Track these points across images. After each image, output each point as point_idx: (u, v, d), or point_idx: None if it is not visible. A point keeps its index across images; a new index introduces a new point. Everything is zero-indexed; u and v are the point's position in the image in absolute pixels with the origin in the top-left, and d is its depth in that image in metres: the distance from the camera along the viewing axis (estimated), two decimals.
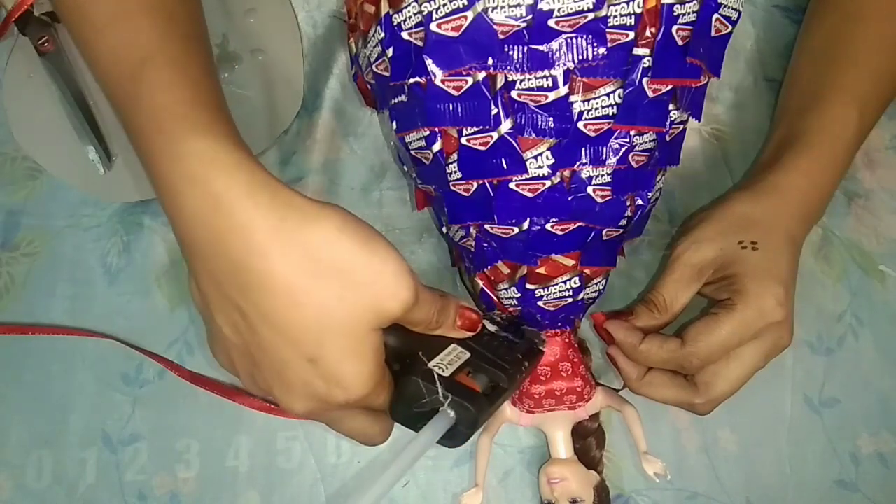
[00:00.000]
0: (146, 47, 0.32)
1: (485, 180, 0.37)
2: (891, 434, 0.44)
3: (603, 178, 0.37)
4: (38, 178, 0.47)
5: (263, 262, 0.29)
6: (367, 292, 0.30)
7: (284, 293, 0.30)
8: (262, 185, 0.30)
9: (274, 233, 0.29)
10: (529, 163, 0.36)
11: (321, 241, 0.30)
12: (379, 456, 0.44)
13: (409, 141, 0.39)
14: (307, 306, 0.30)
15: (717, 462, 0.44)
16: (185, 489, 0.43)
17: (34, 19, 0.47)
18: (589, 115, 0.35)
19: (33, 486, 0.43)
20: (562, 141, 0.36)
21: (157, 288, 0.46)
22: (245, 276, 0.30)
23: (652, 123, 0.36)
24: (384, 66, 0.37)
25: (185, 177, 0.30)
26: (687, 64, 0.35)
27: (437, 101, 0.35)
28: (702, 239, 0.41)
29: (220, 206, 0.30)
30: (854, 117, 0.42)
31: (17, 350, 0.45)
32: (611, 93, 0.35)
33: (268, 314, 0.30)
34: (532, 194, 0.37)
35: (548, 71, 0.34)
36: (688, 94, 0.37)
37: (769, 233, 0.40)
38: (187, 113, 0.31)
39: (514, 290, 0.40)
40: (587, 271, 0.40)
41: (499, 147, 0.36)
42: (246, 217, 0.29)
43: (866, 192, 0.48)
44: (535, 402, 0.42)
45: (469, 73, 0.35)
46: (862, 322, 0.46)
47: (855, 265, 0.47)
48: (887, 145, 0.49)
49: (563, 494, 0.41)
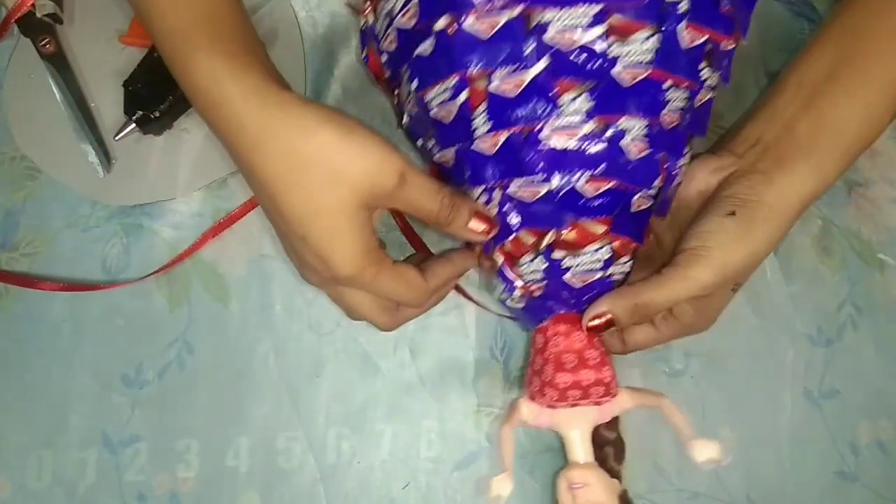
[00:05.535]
0: None
1: (514, 130, 0.36)
2: (890, 421, 0.44)
3: (638, 132, 0.36)
4: (38, 179, 0.47)
5: (257, 157, 0.34)
6: (350, 173, 0.34)
7: (275, 182, 0.34)
8: (253, 89, 0.34)
9: (262, 130, 0.34)
10: (563, 108, 0.35)
11: (303, 133, 0.34)
12: (379, 456, 0.44)
13: (431, 98, 0.38)
14: (294, 192, 0.34)
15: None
16: (184, 489, 0.43)
17: (36, 21, 0.47)
18: (625, 60, 0.35)
19: (33, 487, 0.43)
20: (598, 85, 0.35)
21: (157, 288, 0.46)
22: (247, 169, 0.35)
23: (687, 75, 0.36)
24: (410, 13, 0.37)
25: (195, 87, 0.35)
26: (721, 14, 0.35)
27: (467, 43, 0.35)
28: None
29: (220, 111, 0.34)
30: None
31: (18, 350, 0.45)
32: (647, 38, 0.35)
33: (270, 199, 0.35)
34: (564, 143, 0.36)
35: (584, 7, 0.34)
36: (718, 56, 0.37)
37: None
38: (189, 32, 0.35)
39: (540, 260, 0.38)
40: (616, 244, 0.38)
41: (531, 90, 0.35)
42: (240, 119, 0.34)
43: (866, 182, 0.48)
44: (559, 394, 0.39)
45: (504, 7, 0.34)
46: (861, 311, 0.46)
47: (854, 254, 0.47)
48: (888, 135, 0.49)
49: (585, 501, 0.38)
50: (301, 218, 0.34)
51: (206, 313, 0.45)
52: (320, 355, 0.45)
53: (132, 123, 0.46)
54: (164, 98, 0.45)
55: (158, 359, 0.45)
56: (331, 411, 0.44)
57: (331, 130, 0.34)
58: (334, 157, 0.34)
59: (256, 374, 0.45)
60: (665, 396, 0.41)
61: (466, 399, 0.44)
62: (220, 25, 0.36)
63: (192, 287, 0.46)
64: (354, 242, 0.35)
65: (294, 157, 0.34)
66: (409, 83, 0.39)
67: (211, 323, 0.45)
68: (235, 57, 0.35)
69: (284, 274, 0.46)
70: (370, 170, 0.34)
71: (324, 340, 0.45)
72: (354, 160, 0.34)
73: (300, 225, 0.34)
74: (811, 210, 0.47)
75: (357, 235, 0.35)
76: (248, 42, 0.37)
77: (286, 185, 0.34)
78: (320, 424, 0.44)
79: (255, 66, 0.35)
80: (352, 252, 0.35)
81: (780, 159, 0.38)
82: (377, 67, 0.43)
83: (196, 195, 0.47)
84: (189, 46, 0.35)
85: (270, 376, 0.45)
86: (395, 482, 0.43)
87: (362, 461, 0.44)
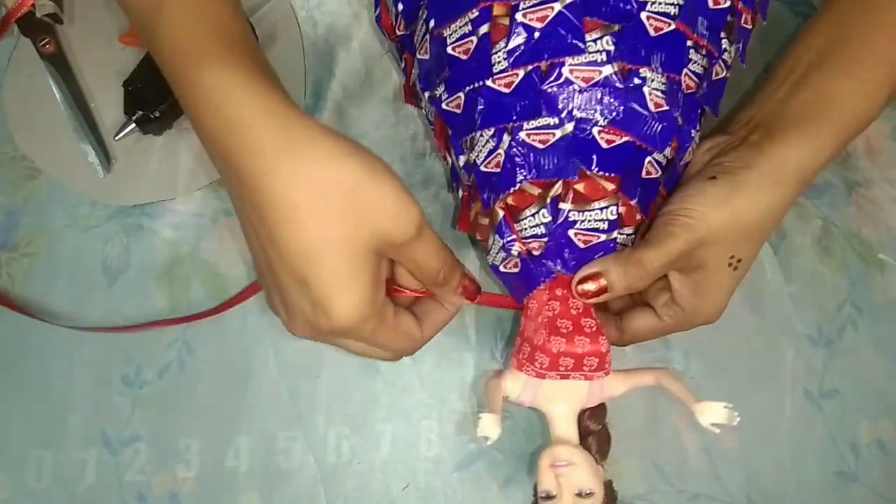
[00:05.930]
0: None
1: (535, 65, 0.35)
2: (890, 421, 0.44)
3: (659, 85, 0.36)
4: (38, 179, 0.47)
5: (271, 182, 0.31)
6: (370, 212, 0.31)
7: (288, 211, 0.31)
8: (273, 110, 0.32)
9: (282, 154, 0.31)
10: (588, 47, 0.35)
11: (328, 162, 0.31)
12: (379, 456, 0.44)
13: (450, 34, 0.37)
14: (308, 225, 0.31)
15: (717, 462, 0.44)
16: (184, 489, 0.43)
17: (36, 21, 0.47)
18: (652, 7, 0.35)
19: (33, 486, 0.43)
20: (624, 28, 0.35)
21: (157, 289, 0.46)
22: (257, 195, 0.31)
23: (708, 38, 0.36)
24: None
25: (203, 102, 0.32)
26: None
27: None
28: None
29: (233, 129, 0.31)
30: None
31: (18, 350, 0.45)
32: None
33: (272, 234, 0.32)
34: (585, 83, 0.35)
35: None
36: (738, 31, 0.37)
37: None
38: (201, 45, 0.33)
39: (545, 213, 0.37)
40: (623, 209, 0.37)
41: (557, 22, 0.34)
42: (257, 140, 0.31)
43: (866, 182, 0.48)
44: (550, 361, 0.36)
45: None
46: (861, 311, 0.46)
47: (854, 255, 0.47)
48: (889, 135, 0.49)
49: (569, 484, 0.36)
50: (307, 254, 0.31)
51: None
52: (320, 355, 0.45)
53: (132, 123, 0.46)
54: (164, 98, 0.45)
55: (158, 359, 0.45)
56: (331, 411, 0.44)
57: (357, 164, 0.31)
58: (358, 191, 0.31)
59: (256, 374, 0.45)
60: (663, 368, 0.40)
61: (466, 399, 0.44)
62: (233, 40, 0.34)
63: (192, 287, 0.46)
64: (359, 289, 0.32)
65: (316, 186, 0.31)
66: (425, 23, 0.38)
67: (211, 323, 0.45)
68: (254, 73, 0.33)
69: None
70: (391, 213, 0.32)
71: None
72: (378, 200, 0.31)
73: (305, 262, 0.31)
74: (811, 210, 0.47)
75: (364, 281, 0.32)
76: (260, 59, 0.35)
77: (300, 215, 0.31)
78: (320, 424, 0.44)
79: (276, 86, 0.33)
80: (355, 299, 0.32)
81: (771, 130, 0.38)
82: (389, 27, 0.43)
83: (196, 195, 0.47)
84: (200, 59, 0.32)
85: (270, 376, 0.45)
86: (394, 482, 0.43)
87: (362, 461, 0.44)
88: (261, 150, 0.31)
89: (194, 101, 0.33)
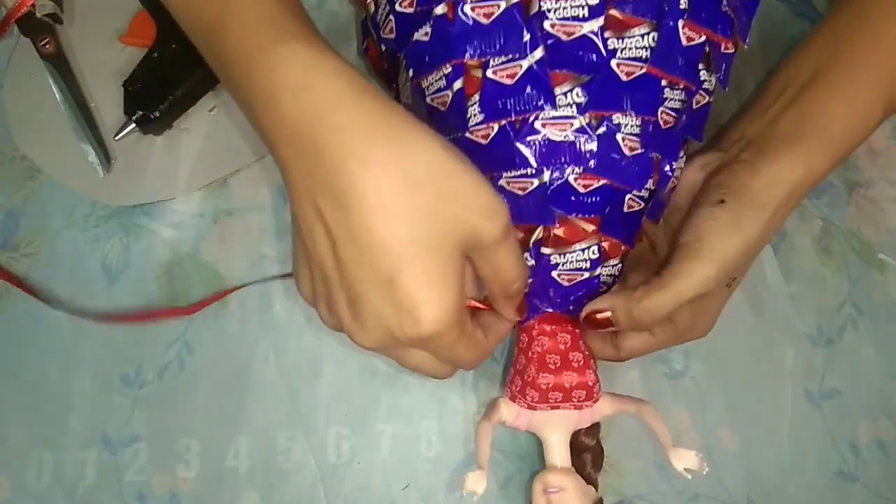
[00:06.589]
0: None
1: (507, 121, 0.35)
2: (890, 421, 0.45)
3: (632, 129, 0.36)
4: (37, 179, 0.47)
5: (360, 168, 0.28)
6: (463, 207, 0.29)
7: (375, 203, 0.28)
8: (364, 89, 0.29)
9: (374, 138, 0.28)
10: (558, 100, 0.35)
11: (417, 147, 0.29)
12: (379, 456, 0.44)
13: (427, 85, 0.37)
14: (397, 219, 0.28)
15: (717, 461, 0.44)
16: (184, 489, 0.43)
17: (36, 21, 0.47)
18: (622, 54, 0.35)
19: (33, 487, 0.43)
20: (593, 78, 0.35)
21: (157, 289, 0.46)
22: (340, 181, 0.28)
23: (684, 75, 0.36)
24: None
25: (285, 84, 0.29)
26: (722, 13, 0.35)
27: (465, 30, 0.34)
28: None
29: (321, 110, 0.29)
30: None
31: (18, 350, 0.45)
32: (645, 34, 0.35)
33: (355, 225, 0.29)
34: (557, 135, 0.35)
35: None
36: (718, 59, 0.37)
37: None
38: (280, 22, 0.30)
39: (527, 256, 0.38)
40: (605, 244, 0.38)
41: (527, 79, 0.34)
42: (348, 119, 0.29)
43: (866, 182, 0.48)
44: (540, 395, 0.38)
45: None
46: (861, 311, 0.46)
47: (854, 255, 0.47)
48: (889, 135, 0.49)
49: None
50: (397, 251, 0.28)
51: (206, 313, 0.45)
52: (320, 355, 0.45)
53: (132, 123, 0.46)
54: (164, 98, 0.45)
55: (158, 359, 0.45)
56: (331, 411, 0.44)
57: (449, 155, 0.29)
58: (449, 182, 0.29)
59: (256, 374, 0.45)
60: (647, 402, 0.41)
61: (466, 399, 0.44)
62: (305, 16, 0.32)
63: (192, 287, 0.46)
64: (450, 292, 0.29)
65: (404, 174, 0.28)
66: (405, 70, 0.39)
67: (211, 323, 0.45)
68: (332, 51, 0.30)
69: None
70: (483, 209, 0.29)
71: (324, 340, 0.45)
72: (471, 193, 0.29)
73: (395, 259, 0.28)
74: (811, 210, 0.47)
75: (454, 284, 0.29)
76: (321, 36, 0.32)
77: (390, 206, 0.28)
78: (320, 424, 0.44)
79: (351, 65, 0.30)
80: (446, 303, 0.29)
81: (763, 149, 0.38)
82: (376, 59, 0.43)
83: (196, 195, 0.47)
84: (276, 34, 0.30)
85: (270, 376, 0.45)
86: (395, 482, 0.43)
87: (362, 461, 0.44)
88: (350, 131, 0.28)
89: (277, 87, 0.30)
